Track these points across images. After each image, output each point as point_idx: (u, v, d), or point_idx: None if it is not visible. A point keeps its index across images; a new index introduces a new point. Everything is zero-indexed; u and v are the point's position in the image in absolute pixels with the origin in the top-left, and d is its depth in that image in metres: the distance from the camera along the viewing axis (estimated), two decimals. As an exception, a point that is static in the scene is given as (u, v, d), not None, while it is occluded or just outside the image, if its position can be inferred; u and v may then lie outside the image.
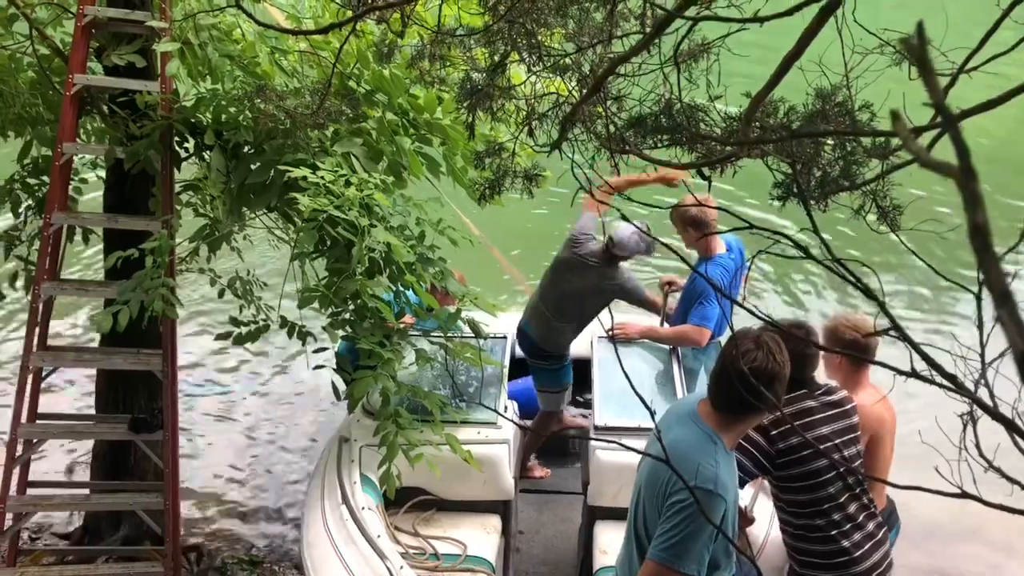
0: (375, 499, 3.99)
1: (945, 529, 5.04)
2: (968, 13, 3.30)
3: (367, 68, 4.02)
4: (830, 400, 3.29)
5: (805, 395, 3.26)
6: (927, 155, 0.87)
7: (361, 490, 3.94)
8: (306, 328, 3.99)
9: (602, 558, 4.01)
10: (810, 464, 3.14)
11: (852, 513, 3.20)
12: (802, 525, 3.23)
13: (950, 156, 0.88)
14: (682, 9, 1.43)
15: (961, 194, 0.69)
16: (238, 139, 3.89)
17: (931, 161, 0.83)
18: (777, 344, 2.59)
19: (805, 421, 3.20)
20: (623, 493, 3.63)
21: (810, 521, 3.20)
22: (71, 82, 3.87)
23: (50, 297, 4.09)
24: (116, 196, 4.39)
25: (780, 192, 1.56)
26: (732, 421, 2.66)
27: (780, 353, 2.59)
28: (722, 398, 2.63)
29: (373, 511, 3.87)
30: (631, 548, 2.80)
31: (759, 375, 2.53)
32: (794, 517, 3.25)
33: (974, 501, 1.25)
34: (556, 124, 1.79)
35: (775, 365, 2.56)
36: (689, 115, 1.57)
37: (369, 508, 3.86)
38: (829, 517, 3.17)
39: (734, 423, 2.67)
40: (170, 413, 4.08)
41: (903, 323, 1.39)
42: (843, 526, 3.18)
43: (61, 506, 4.75)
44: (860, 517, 3.21)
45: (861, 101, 1.73)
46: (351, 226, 3.58)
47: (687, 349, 4.76)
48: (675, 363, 4.64)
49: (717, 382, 2.64)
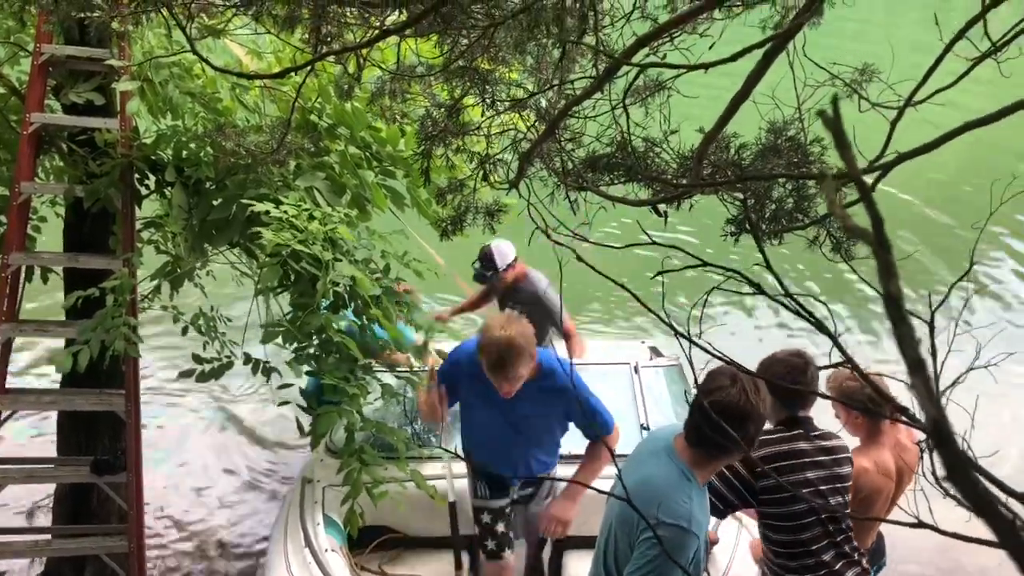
0: (339, 540, 3.94)
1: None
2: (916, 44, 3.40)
3: (328, 103, 4.03)
4: (824, 446, 3.18)
5: (800, 436, 3.17)
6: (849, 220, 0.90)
7: (324, 532, 3.89)
8: (270, 364, 3.95)
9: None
10: (789, 506, 3.09)
11: (828, 560, 3.13)
12: (779, 564, 3.21)
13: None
14: (629, 55, 1.46)
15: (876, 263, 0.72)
16: (199, 175, 3.87)
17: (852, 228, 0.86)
18: (754, 383, 2.52)
19: (793, 463, 3.12)
20: (590, 521, 3.61)
21: (786, 562, 3.18)
22: (28, 121, 3.83)
23: (8, 339, 4.01)
24: (76, 235, 4.33)
25: (732, 228, 1.58)
26: (705, 458, 2.63)
27: (756, 392, 2.51)
28: (695, 434, 2.61)
29: (336, 552, 3.82)
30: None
31: (731, 413, 2.46)
32: (773, 555, 3.23)
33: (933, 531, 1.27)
34: (515, 159, 1.80)
35: (748, 404, 2.49)
36: (643, 154, 1.59)
37: (332, 550, 3.80)
38: (802, 561, 3.13)
39: (707, 461, 2.64)
40: (133, 454, 4.01)
41: (857, 355, 1.41)
42: (816, 571, 3.14)
43: (22, 552, 4.63)
44: (838, 565, 3.15)
45: (813, 134, 1.77)
46: (315, 260, 3.57)
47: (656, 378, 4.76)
48: (636, 385, 4.64)
49: (691, 418, 2.62)
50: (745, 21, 2.21)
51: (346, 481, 3.68)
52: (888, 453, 3.46)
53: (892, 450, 3.50)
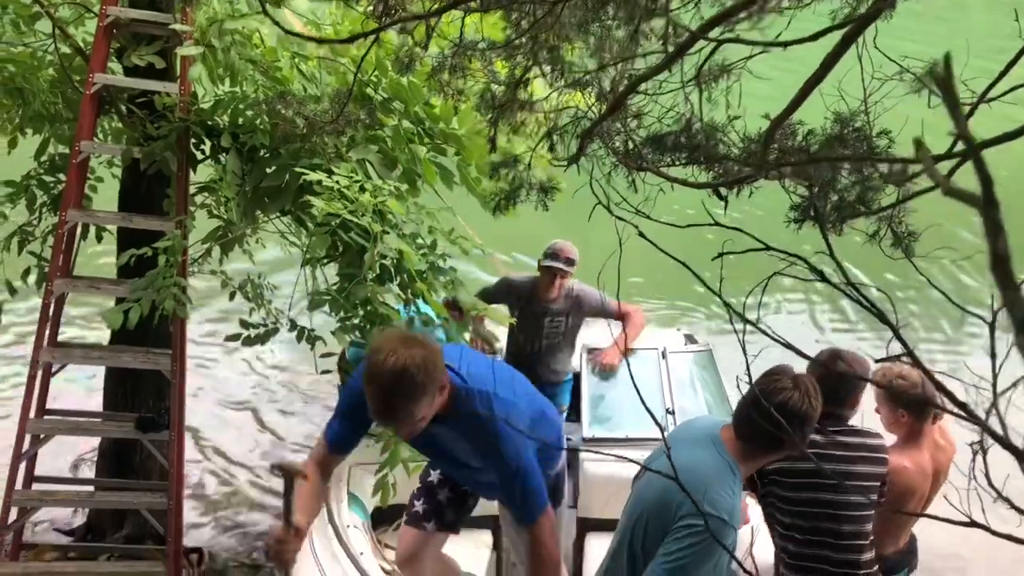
0: (361, 517, 3.98)
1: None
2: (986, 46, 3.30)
3: (385, 76, 4.04)
4: (841, 441, 3.13)
5: (817, 430, 3.07)
6: (949, 183, 0.88)
7: (348, 509, 3.92)
8: (315, 332, 4.00)
9: (591, 568, 4.00)
10: (793, 492, 3.07)
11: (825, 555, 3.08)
12: (781, 547, 3.18)
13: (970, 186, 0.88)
14: (706, 30, 1.44)
15: (984, 223, 0.70)
16: (254, 142, 3.91)
17: (953, 189, 0.84)
18: (814, 387, 2.59)
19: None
20: (612, 504, 3.61)
21: (783, 544, 3.16)
22: (91, 81, 3.90)
23: (62, 294, 4.11)
24: (131, 196, 4.41)
25: (797, 215, 1.57)
26: (753, 454, 2.66)
27: (815, 397, 2.59)
28: (748, 428, 2.62)
29: (359, 528, 3.85)
30: (620, 563, 2.77)
31: (792, 415, 2.52)
32: (778, 536, 3.20)
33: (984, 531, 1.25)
34: (576, 137, 1.80)
35: (808, 408, 2.56)
36: (711, 133, 1.58)
37: (355, 526, 3.84)
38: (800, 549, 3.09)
39: (754, 456, 2.67)
40: (177, 413, 4.09)
41: (918, 351, 1.38)
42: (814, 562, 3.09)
43: (66, 502, 4.77)
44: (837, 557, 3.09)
45: (879, 127, 1.74)
46: (364, 232, 3.59)
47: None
48: (663, 370, 4.62)
49: (745, 412, 2.63)
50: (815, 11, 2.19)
51: (384, 450, 3.71)
52: (927, 453, 3.41)
53: (929, 450, 3.46)
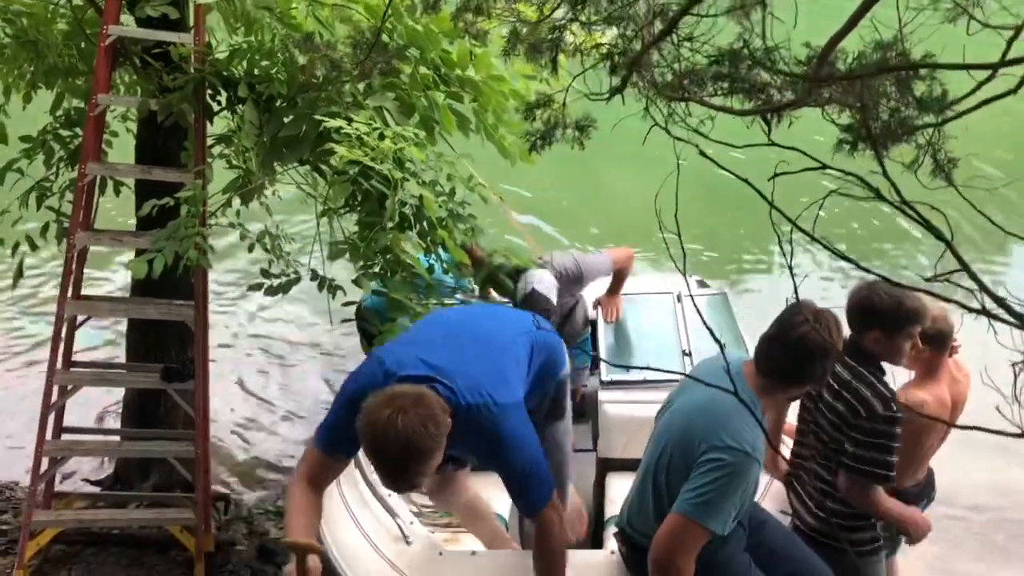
0: None
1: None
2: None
3: (400, 22, 4.02)
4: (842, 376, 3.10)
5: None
6: None
7: None
8: (336, 282, 4.02)
9: (612, 508, 4.05)
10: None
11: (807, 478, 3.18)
12: None
13: None
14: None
15: None
16: (271, 92, 3.90)
17: None
18: (836, 323, 2.66)
19: None
20: (632, 444, 3.66)
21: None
22: (105, 33, 3.88)
23: (84, 247, 4.13)
24: (148, 150, 4.42)
25: (849, 136, 1.58)
26: (774, 388, 2.70)
27: (837, 332, 2.65)
28: (770, 363, 2.67)
29: None
30: (645, 498, 2.80)
31: (813, 348, 2.57)
32: None
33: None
34: (620, 69, 1.80)
35: (831, 341, 2.61)
36: (762, 57, 1.58)
37: None
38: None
39: (775, 390, 2.71)
40: (201, 363, 4.14)
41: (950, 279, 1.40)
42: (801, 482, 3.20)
43: (96, 451, 4.85)
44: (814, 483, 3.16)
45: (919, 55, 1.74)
46: (384, 179, 3.60)
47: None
48: (678, 312, 4.66)
49: (769, 346, 2.67)
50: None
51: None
52: (945, 387, 3.46)
53: (947, 382, 3.52)
